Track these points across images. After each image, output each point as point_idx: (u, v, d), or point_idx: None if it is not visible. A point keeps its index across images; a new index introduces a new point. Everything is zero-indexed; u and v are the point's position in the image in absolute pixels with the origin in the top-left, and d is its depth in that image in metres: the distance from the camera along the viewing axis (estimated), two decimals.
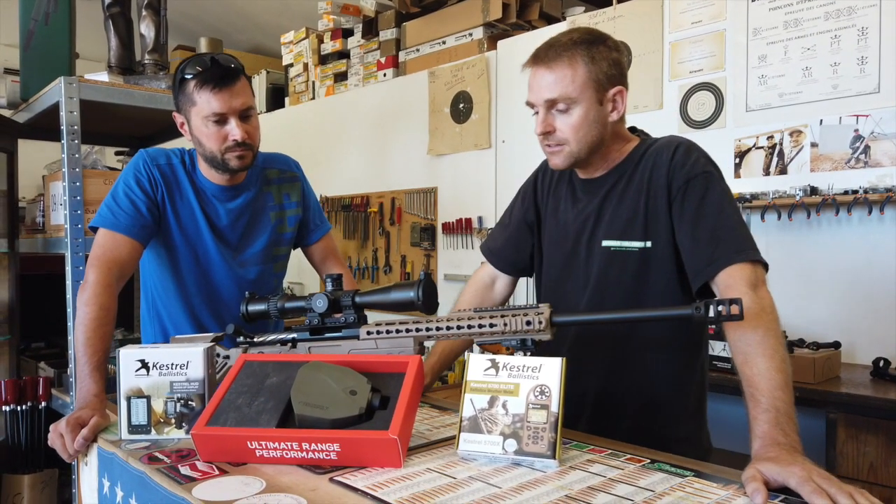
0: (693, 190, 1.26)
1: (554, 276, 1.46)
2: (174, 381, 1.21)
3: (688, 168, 1.28)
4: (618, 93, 1.32)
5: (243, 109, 1.56)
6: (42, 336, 2.96)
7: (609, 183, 1.38)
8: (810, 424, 2.43)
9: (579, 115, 1.29)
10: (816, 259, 2.51)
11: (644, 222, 1.31)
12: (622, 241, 1.33)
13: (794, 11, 2.63)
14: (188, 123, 1.59)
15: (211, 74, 1.52)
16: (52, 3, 2.31)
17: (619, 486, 0.94)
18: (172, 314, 1.73)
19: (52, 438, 1.28)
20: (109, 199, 1.61)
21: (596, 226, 1.37)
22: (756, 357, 1.07)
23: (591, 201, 1.40)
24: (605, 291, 1.35)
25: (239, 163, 1.59)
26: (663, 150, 1.33)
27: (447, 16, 3.83)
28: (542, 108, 1.31)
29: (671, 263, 1.30)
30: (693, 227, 1.25)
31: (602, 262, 1.35)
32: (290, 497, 0.91)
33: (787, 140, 2.62)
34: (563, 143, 1.31)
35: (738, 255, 1.19)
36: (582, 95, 1.28)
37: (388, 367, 1.11)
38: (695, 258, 1.24)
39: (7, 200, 2.68)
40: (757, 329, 1.10)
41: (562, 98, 1.28)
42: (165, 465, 1.06)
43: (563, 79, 1.28)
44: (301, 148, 4.49)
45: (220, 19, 5.62)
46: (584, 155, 1.33)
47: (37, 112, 2.34)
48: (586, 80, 1.28)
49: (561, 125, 1.30)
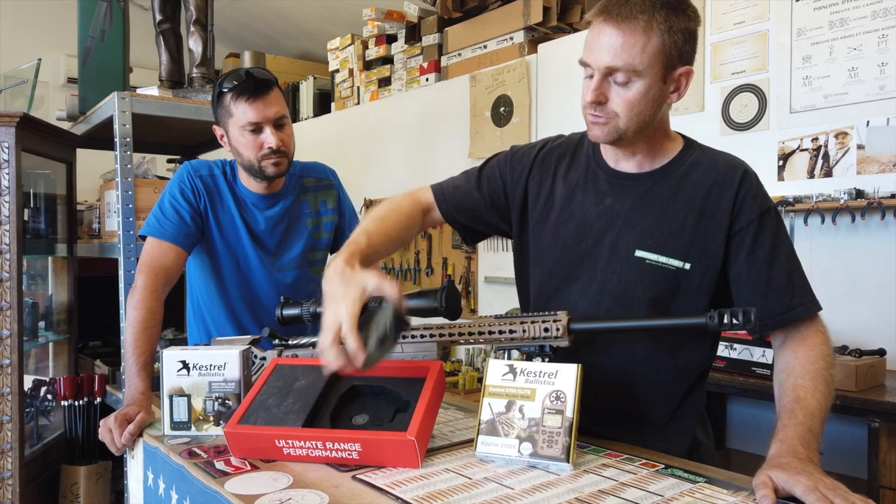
0: (767, 226, 1.19)
1: (558, 274, 1.30)
2: (212, 381, 1.28)
3: (760, 201, 1.20)
4: (685, 73, 1.15)
5: (277, 118, 1.65)
6: (99, 335, 3.11)
7: (647, 185, 1.24)
8: (851, 433, 2.38)
9: (639, 91, 1.12)
10: (861, 264, 2.46)
11: (689, 241, 1.20)
12: (659, 256, 1.20)
13: (839, 11, 2.57)
14: (227, 135, 1.69)
15: (246, 86, 1.61)
16: (107, 21, 2.44)
17: (629, 490, 0.96)
18: (215, 317, 1.82)
19: (102, 433, 1.37)
20: (156, 210, 1.71)
21: (627, 230, 1.23)
22: (814, 389, 1.09)
23: (623, 201, 1.24)
24: (626, 304, 1.23)
25: (275, 169, 1.67)
26: (726, 168, 1.22)
27: (488, 20, 3.86)
28: (599, 74, 1.13)
29: (705, 292, 1.22)
30: (768, 268, 1.18)
31: (629, 273, 1.22)
32: (313, 493, 0.97)
33: (833, 142, 2.57)
34: (613, 118, 1.15)
35: (813, 307, 1.19)
36: (649, 69, 1.10)
37: (410, 373, 1.15)
38: (770, 302, 1.18)
39: (66, 208, 2.83)
40: (826, 371, 1.12)
41: (626, 68, 1.10)
42: (202, 460, 1.13)
43: (634, 46, 1.09)
44: (346, 152, 4.59)
45: (269, 26, 5.77)
46: (631, 134, 1.17)
47: (93, 124, 2.47)
48: (658, 53, 1.10)
49: (616, 97, 1.14)
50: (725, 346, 2.46)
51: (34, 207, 2.65)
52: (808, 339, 1.17)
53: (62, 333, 2.88)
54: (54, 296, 2.91)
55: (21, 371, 2.29)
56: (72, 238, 2.88)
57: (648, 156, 1.25)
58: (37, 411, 2.67)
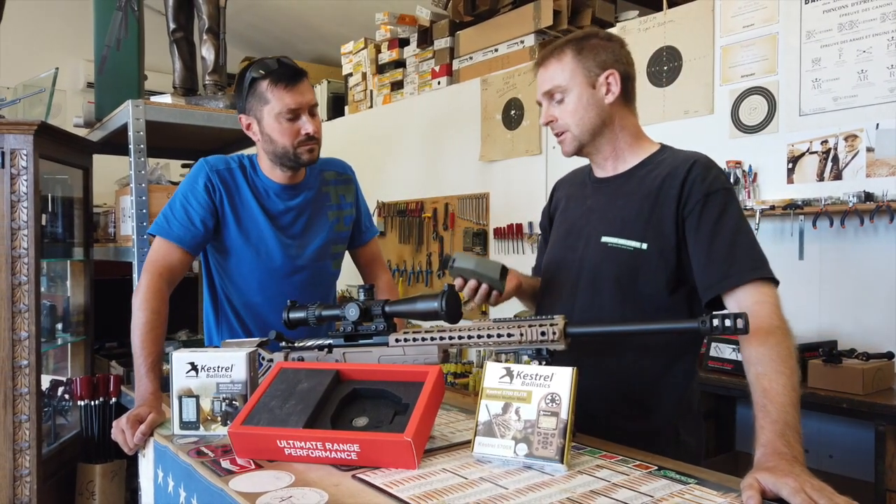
0: (711, 205, 1.29)
1: (552, 270, 1.51)
2: (220, 383, 1.32)
3: (707, 183, 1.31)
4: (610, 75, 1.39)
5: (311, 106, 1.68)
6: (114, 336, 3.16)
7: (618, 183, 1.43)
8: (859, 436, 2.37)
9: (573, 101, 1.39)
10: (870, 267, 2.45)
11: (644, 225, 1.35)
12: (619, 239, 1.37)
13: (849, 13, 2.57)
14: (259, 123, 1.69)
15: (284, 73, 1.64)
16: (123, 30, 2.50)
17: (620, 490, 0.98)
18: (238, 313, 1.82)
19: (115, 433, 1.41)
20: (166, 209, 1.72)
21: (598, 222, 1.43)
22: (777, 374, 1.11)
23: (599, 200, 1.45)
24: (596, 285, 1.39)
25: (309, 156, 1.70)
26: (681, 162, 1.36)
27: (499, 24, 3.88)
28: (545, 102, 1.43)
29: (663, 270, 1.33)
30: (710, 241, 1.27)
31: (596, 256, 1.40)
32: (313, 491, 1.00)
33: (842, 145, 2.56)
34: (566, 130, 1.41)
35: (754, 272, 1.22)
36: (572, 82, 1.38)
37: (410, 377, 1.18)
38: (709, 272, 1.27)
39: (83, 213, 2.89)
40: (781, 346, 1.14)
41: (554, 88, 1.40)
42: (209, 459, 1.16)
43: (554, 72, 1.40)
44: (359, 155, 4.62)
45: (285, 30, 5.83)
46: (588, 138, 1.41)
47: (109, 131, 2.53)
48: (574, 69, 1.39)
49: (559, 113, 1.41)
50: (733, 350, 2.47)
51: (52, 212, 2.71)
52: (755, 315, 1.15)
53: (79, 335, 2.94)
54: (71, 298, 2.97)
55: (39, 372, 2.34)
56: (88, 242, 2.94)
57: (618, 160, 1.45)
58: (54, 411, 2.73)
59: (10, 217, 2.23)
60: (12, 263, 2.25)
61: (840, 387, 2.15)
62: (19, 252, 2.25)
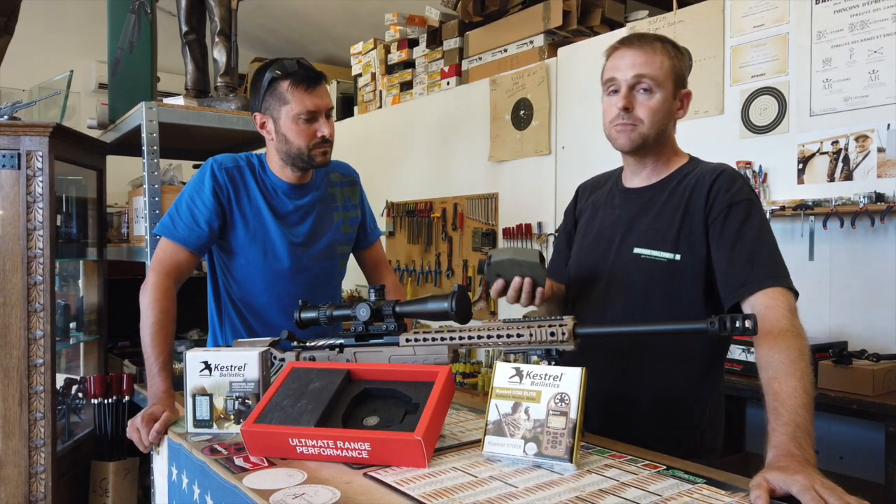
0: (735, 214, 1.31)
1: (583, 279, 1.51)
2: (233, 381, 1.33)
3: (732, 193, 1.33)
4: (686, 95, 1.41)
5: (328, 109, 1.70)
6: (127, 335, 3.18)
7: (649, 195, 1.44)
8: (868, 438, 2.37)
9: (659, 100, 1.36)
10: (881, 268, 2.44)
11: (676, 235, 1.36)
12: (652, 251, 1.38)
13: (860, 13, 2.56)
14: (275, 122, 1.70)
15: (304, 76, 1.66)
16: (136, 33, 2.53)
17: (629, 490, 0.99)
18: (241, 313, 1.83)
19: (130, 432, 1.43)
20: (172, 209, 1.73)
21: (629, 233, 1.43)
22: (787, 376, 1.11)
23: (629, 210, 1.46)
24: (629, 293, 1.40)
25: (323, 158, 1.72)
26: (708, 173, 1.38)
27: (508, 24, 3.89)
28: (625, 86, 1.36)
29: (698, 279, 1.35)
30: (731, 248, 1.30)
31: (631, 269, 1.41)
32: (325, 488, 1.01)
33: (853, 145, 2.56)
34: (638, 123, 1.36)
35: (772, 280, 1.24)
36: (666, 82, 1.36)
37: (421, 377, 1.20)
38: (729, 278, 1.29)
39: (96, 213, 2.93)
40: (791, 349, 1.14)
41: (650, 77, 1.35)
42: (223, 457, 1.18)
43: (654, 62, 1.35)
44: (369, 155, 4.65)
45: (295, 31, 5.86)
46: (652, 141, 1.38)
47: (122, 132, 2.56)
48: (670, 71, 1.36)
49: (640, 105, 1.36)
50: (742, 350, 2.47)
51: (66, 213, 2.74)
52: (766, 319, 1.18)
53: (92, 334, 2.97)
54: (85, 298, 3.00)
55: (53, 370, 2.37)
56: (102, 242, 2.97)
57: (655, 169, 1.45)
58: (68, 409, 2.76)
59: (26, 217, 2.26)
60: (28, 263, 2.28)
61: (850, 388, 2.15)
62: (34, 252, 2.28)
